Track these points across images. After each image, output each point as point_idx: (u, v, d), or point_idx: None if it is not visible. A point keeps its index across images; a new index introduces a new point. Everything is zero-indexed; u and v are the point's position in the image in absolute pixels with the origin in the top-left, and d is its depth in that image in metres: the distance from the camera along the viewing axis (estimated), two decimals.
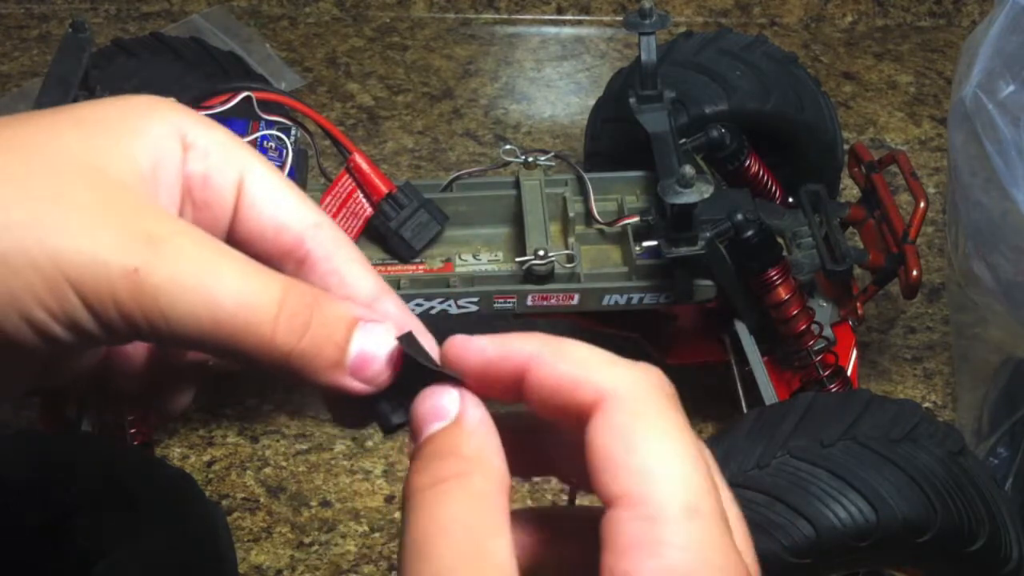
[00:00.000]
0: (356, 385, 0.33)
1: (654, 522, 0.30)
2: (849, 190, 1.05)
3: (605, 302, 0.80)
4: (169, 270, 0.31)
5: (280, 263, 0.35)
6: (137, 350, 0.38)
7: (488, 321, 0.83)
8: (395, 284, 0.79)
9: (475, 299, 0.79)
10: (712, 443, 0.73)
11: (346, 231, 0.80)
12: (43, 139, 0.32)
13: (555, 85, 1.26)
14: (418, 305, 0.79)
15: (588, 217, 0.83)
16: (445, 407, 0.33)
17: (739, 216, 0.77)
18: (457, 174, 0.86)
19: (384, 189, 0.81)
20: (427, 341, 0.35)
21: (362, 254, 0.36)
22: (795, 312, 0.80)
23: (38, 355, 0.32)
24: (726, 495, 0.33)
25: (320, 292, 0.33)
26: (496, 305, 0.79)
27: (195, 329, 0.31)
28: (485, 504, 0.31)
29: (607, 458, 0.31)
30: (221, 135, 0.35)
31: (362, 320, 0.33)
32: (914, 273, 0.81)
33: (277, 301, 0.32)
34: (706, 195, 0.72)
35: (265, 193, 0.35)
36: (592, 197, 0.83)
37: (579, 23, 1.36)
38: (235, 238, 0.35)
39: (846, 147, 0.94)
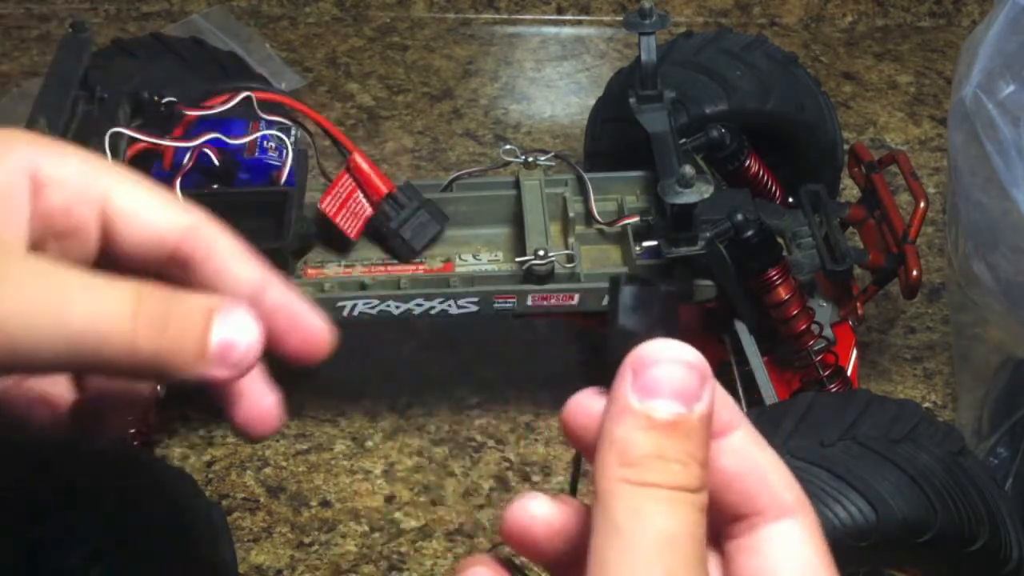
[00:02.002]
0: (224, 373, 0.33)
1: None
2: (849, 190, 1.05)
3: (605, 302, 0.80)
4: (10, 303, 0.31)
5: (167, 271, 0.36)
6: (56, 388, 0.39)
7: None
8: (395, 284, 0.79)
9: (475, 299, 0.79)
10: None
11: (346, 231, 0.80)
12: None
13: (555, 85, 1.26)
14: (418, 305, 0.79)
15: (588, 217, 0.83)
16: (696, 388, 0.32)
17: (739, 216, 0.77)
18: (457, 174, 0.86)
19: (384, 189, 0.81)
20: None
21: (242, 246, 0.36)
22: (795, 312, 0.80)
23: None
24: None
25: (173, 291, 0.33)
26: (496, 305, 0.79)
27: (51, 353, 0.32)
28: (703, 520, 0.31)
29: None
30: (76, 164, 0.35)
31: (218, 309, 0.33)
32: (914, 273, 0.81)
33: (131, 308, 0.32)
34: (706, 195, 0.72)
35: (133, 208, 0.36)
36: (592, 197, 0.83)
37: (579, 23, 1.36)
38: (117, 257, 0.36)
39: (846, 147, 0.94)
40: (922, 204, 0.83)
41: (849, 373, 0.84)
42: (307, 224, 0.79)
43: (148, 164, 0.77)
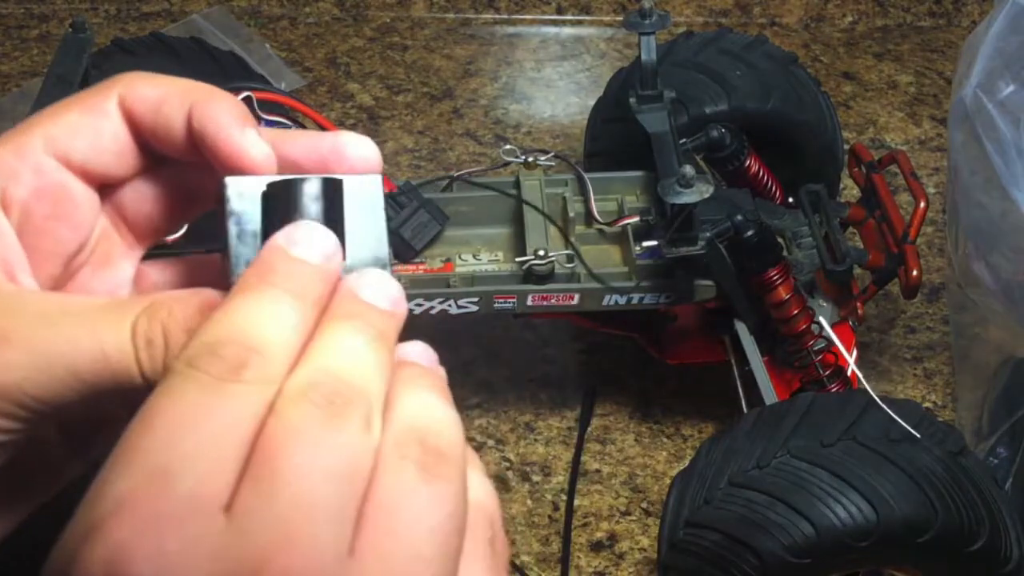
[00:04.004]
0: None
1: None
2: (849, 190, 1.05)
3: (605, 302, 0.80)
4: (15, 355, 0.31)
5: (192, 155, 0.36)
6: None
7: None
8: None
9: (475, 299, 0.79)
10: (712, 443, 0.74)
11: None
12: None
13: (555, 85, 1.26)
14: (418, 305, 0.79)
15: (588, 217, 0.83)
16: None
17: (739, 216, 0.77)
18: (457, 174, 0.86)
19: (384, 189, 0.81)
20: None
21: (240, 113, 0.36)
22: (795, 312, 0.80)
23: None
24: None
25: (163, 302, 0.33)
26: (496, 305, 0.79)
27: (67, 396, 0.32)
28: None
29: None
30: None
31: (208, 303, 0.33)
32: (914, 273, 0.81)
33: (128, 338, 0.32)
34: (706, 195, 0.72)
35: (146, 105, 0.37)
36: (592, 197, 0.83)
37: (579, 23, 1.36)
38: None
39: (846, 147, 0.94)
40: (922, 204, 0.83)
41: (849, 373, 0.84)
42: None
43: None
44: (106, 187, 0.37)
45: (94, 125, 0.36)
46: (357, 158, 0.36)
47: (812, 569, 0.68)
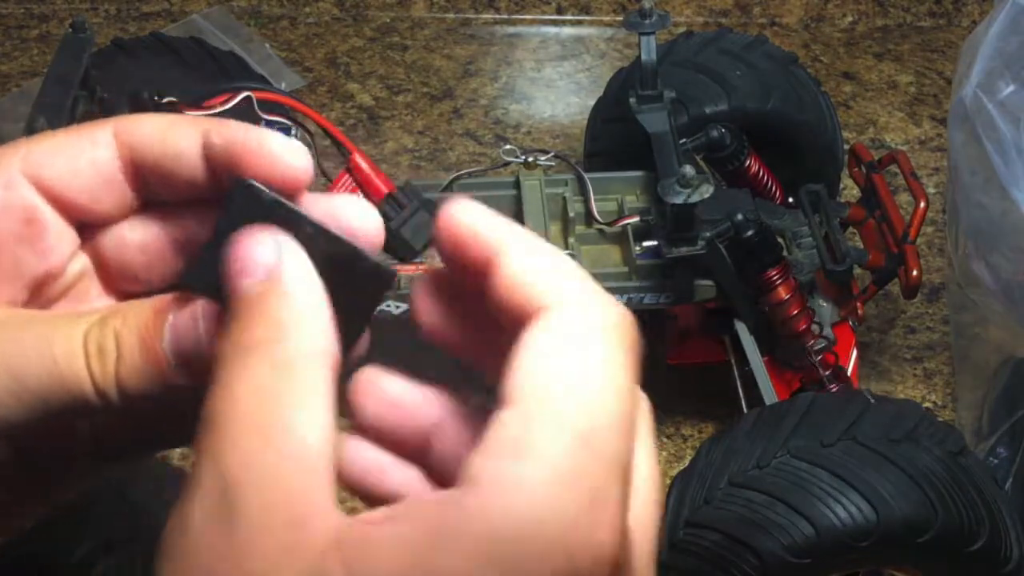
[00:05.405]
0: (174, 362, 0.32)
1: (532, 427, 0.27)
2: (849, 190, 1.05)
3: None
4: None
5: (198, 187, 0.34)
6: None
7: None
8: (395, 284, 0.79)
9: None
10: (712, 443, 0.74)
11: None
12: None
13: (555, 85, 1.26)
14: None
15: (588, 217, 0.83)
16: (256, 260, 0.30)
17: (739, 216, 0.77)
18: (457, 174, 0.86)
19: (384, 189, 0.81)
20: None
21: (161, 118, 0.34)
22: (795, 312, 0.80)
23: None
24: (648, 465, 0.31)
25: (119, 309, 0.32)
26: None
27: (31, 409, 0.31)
28: (290, 374, 0.28)
29: (520, 358, 0.28)
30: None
31: (162, 306, 0.32)
32: (914, 273, 0.81)
33: (80, 345, 0.31)
34: (706, 195, 0.72)
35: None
36: (592, 197, 0.83)
37: (579, 23, 1.36)
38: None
39: (846, 147, 0.94)
40: (922, 204, 0.83)
41: (849, 373, 0.84)
42: None
43: None
44: (88, 226, 0.35)
45: (78, 151, 0.34)
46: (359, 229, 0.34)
47: (812, 569, 0.68)
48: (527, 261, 0.30)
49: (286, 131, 0.80)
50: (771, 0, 1.35)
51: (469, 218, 0.31)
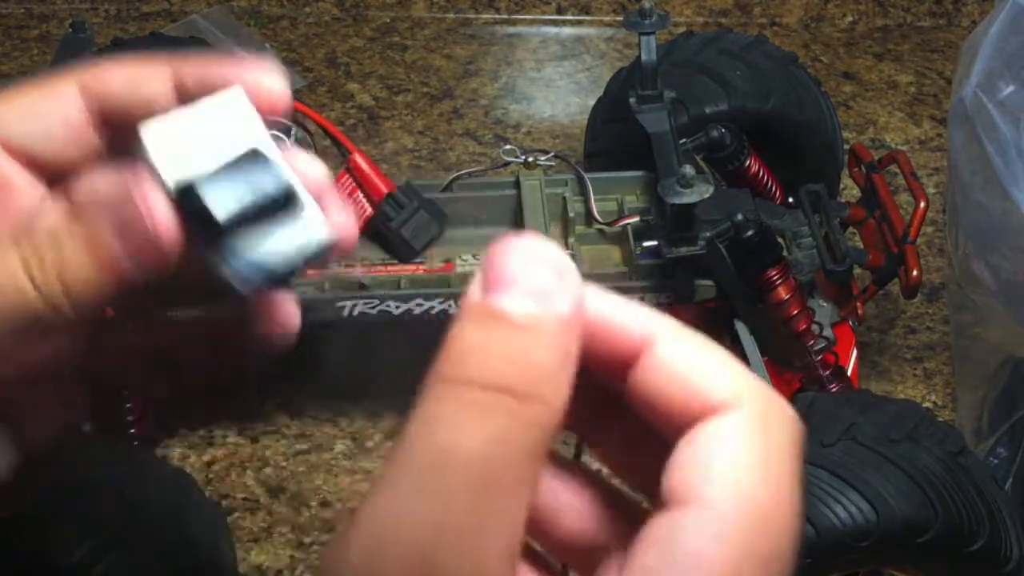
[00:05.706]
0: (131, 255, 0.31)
1: (711, 537, 0.26)
2: (849, 190, 1.05)
3: None
4: None
5: None
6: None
7: None
8: (395, 284, 0.79)
9: None
10: None
11: None
12: None
13: (555, 85, 1.26)
14: (418, 305, 0.79)
15: (588, 217, 0.83)
16: (533, 284, 0.26)
17: (739, 216, 0.77)
18: (457, 174, 0.86)
19: (384, 189, 0.81)
20: None
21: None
22: (795, 312, 0.80)
23: None
24: None
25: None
26: None
27: None
28: (527, 441, 0.25)
29: (695, 460, 0.27)
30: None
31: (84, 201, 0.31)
32: (914, 273, 0.81)
33: (21, 267, 0.31)
34: (706, 195, 0.72)
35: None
36: (592, 197, 0.83)
37: (579, 23, 1.36)
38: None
39: (846, 147, 0.94)
40: (922, 204, 0.83)
41: (849, 373, 0.84)
42: None
43: None
44: (57, 176, 0.35)
45: (43, 110, 0.34)
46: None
47: (812, 569, 0.68)
48: (689, 353, 0.28)
49: (286, 131, 0.80)
50: (771, 0, 1.35)
51: (611, 307, 0.28)
